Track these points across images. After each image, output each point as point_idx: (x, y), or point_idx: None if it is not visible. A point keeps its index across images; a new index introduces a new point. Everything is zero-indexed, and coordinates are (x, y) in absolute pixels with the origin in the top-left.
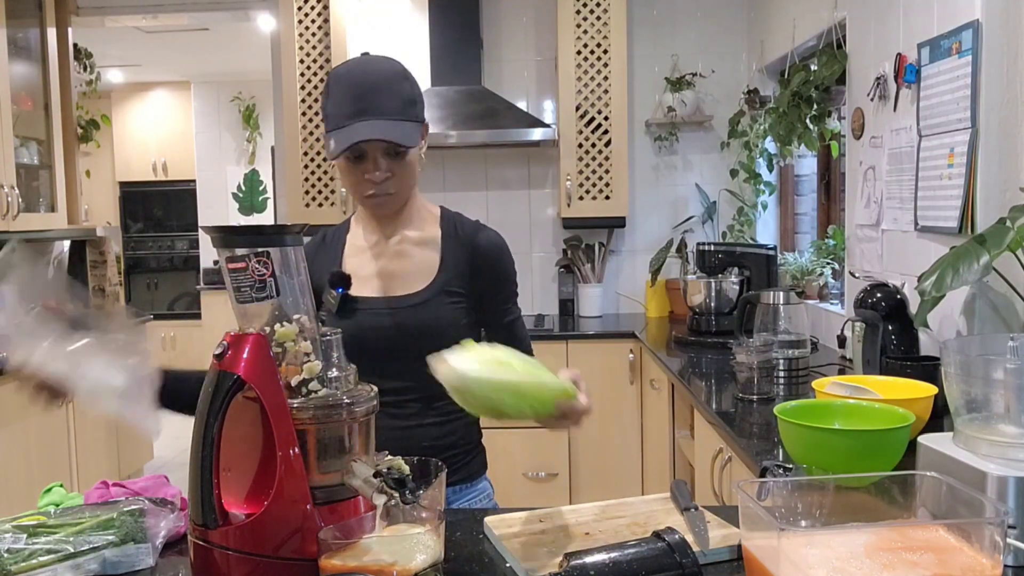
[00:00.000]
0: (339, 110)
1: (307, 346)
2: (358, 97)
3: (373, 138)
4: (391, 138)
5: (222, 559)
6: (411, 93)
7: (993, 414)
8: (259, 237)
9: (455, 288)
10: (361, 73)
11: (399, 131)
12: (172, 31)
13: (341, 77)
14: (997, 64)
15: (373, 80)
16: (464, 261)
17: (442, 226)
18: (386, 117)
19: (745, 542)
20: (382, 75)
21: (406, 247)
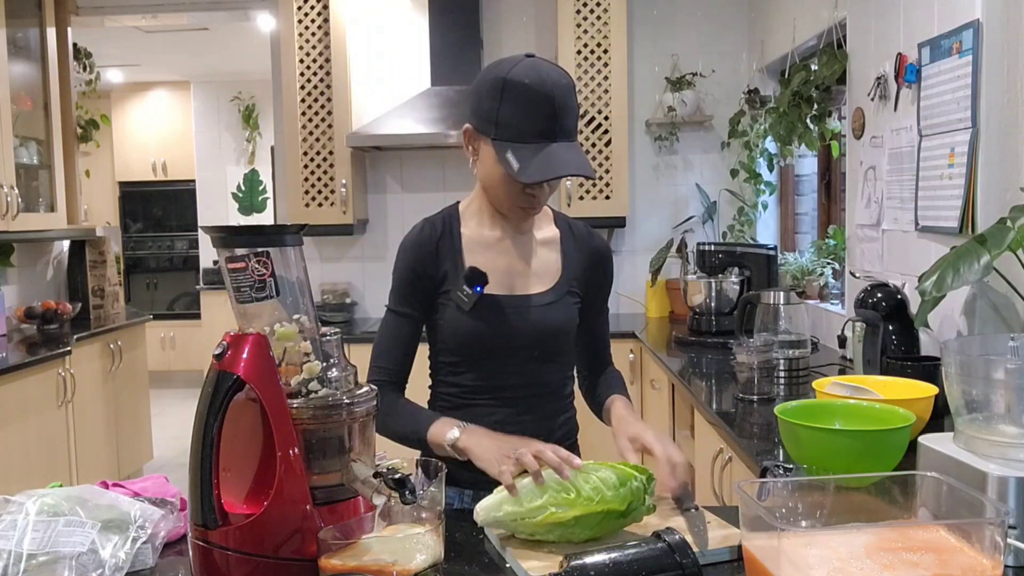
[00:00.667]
0: (524, 123)
1: (307, 346)
2: (551, 115)
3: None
4: (588, 172)
5: (222, 559)
6: (578, 107)
7: (993, 414)
8: (259, 237)
9: (575, 288)
10: (553, 87)
11: (586, 160)
12: (172, 31)
13: (524, 85)
14: (997, 64)
15: (562, 97)
16: (581, 261)
17: (558, 226)
18: (570, 138)
19: (745, 542)
20: (567, 90)
21: (532, 246)
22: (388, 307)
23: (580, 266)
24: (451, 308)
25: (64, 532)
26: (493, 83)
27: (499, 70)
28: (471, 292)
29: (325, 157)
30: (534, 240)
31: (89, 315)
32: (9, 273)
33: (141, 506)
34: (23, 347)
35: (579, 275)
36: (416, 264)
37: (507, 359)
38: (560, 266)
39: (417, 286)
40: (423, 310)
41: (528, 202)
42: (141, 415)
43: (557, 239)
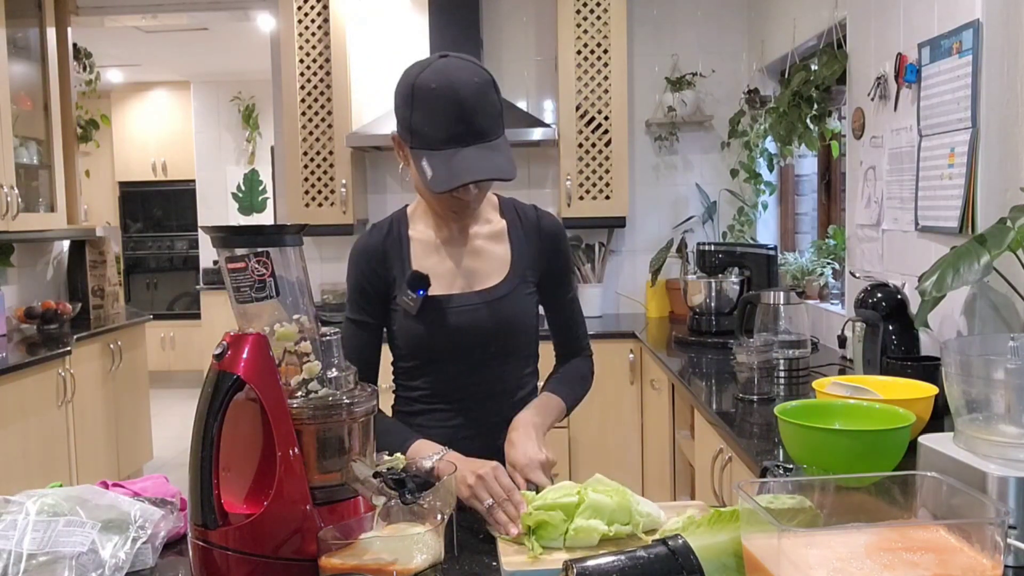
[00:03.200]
0: (433, 130)
1: (307, 346)
2: (458, 118)
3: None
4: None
5: (222, 559)
6: (500, 103)
7: (993, 414)
8: (259, 237)
9: (528, 277)
10: (459, 88)
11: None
12: (172, 31)
13: (438, 92)
14: (997, 64)
15: (471, 97)
16: (531, 247)
17: (505, 215)
18: (485, 140)
19: (746, 542)
20: (477, 89)
21: (479, 243)
22: (346, 316)
23: (530, 252)
24: (400, 314)
25: (64, 532)
26: (404, 90)
27: (410, 75)
28: (415, 296)
29: (325, 157)
30: (481, 236)
31: (89, 315)
32: (9, 273)
33: (141, 506)
34: (23, 347)
35: (531, 262)
36: (365, 270)
37: (462, 360)
38: (509, 257)
39: (368, 292)
40: (378, 315)
41: (458, 206)
42: (141, 415)
43: (504, 230)
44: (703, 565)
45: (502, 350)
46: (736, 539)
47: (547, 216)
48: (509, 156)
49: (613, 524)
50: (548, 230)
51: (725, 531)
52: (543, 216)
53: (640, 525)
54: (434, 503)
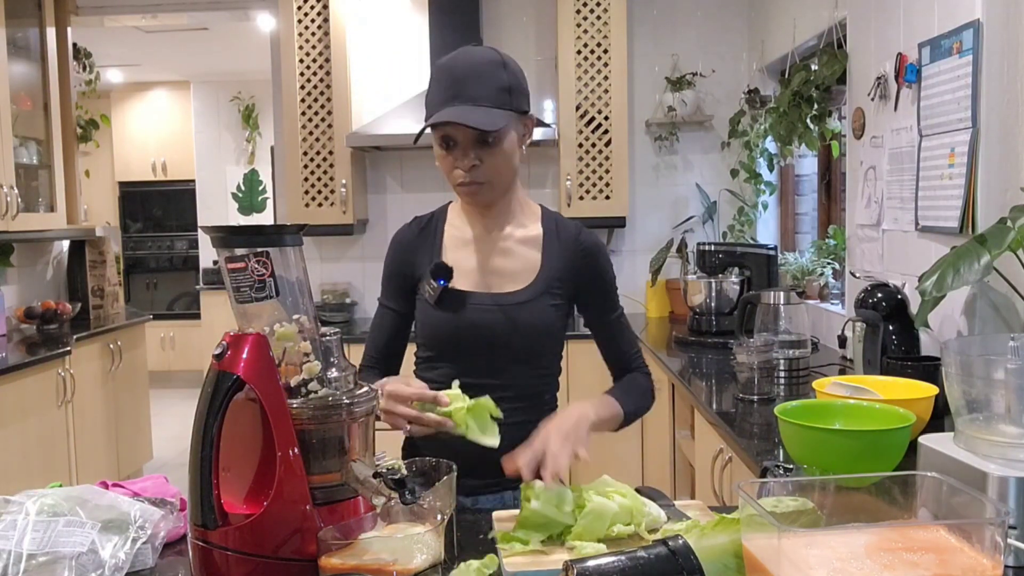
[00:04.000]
0: (434, 97)
1: (307, 346)
2: (451, 84)
3: (450, 120)
4: (469, 122)
5: (222, 559)
6: (508, 82)
7: (994, 414)
8: (259, 237)
9: (555, 289)
10: (459, 61)
11: (483, 116)
12: (171, 31)
13: (440, 66)
14: (998, 64)
15: (467, 67)
16: (565, 261)
17: (543, 224)
18: (474, 103)
19: (746, 543)
20: (477, 62)
21: (510, 244)
22: (379, 299)
23: (563, 265)
24: (423, 302)
25: (64, 532)
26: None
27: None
28: (436, 285)
29: (325, 157)
30: (513, 238)
31: (89, 315)
32: (9, 273)
33: (141, 506)
34: (23, 347)
35: (562, 275)
36: (396, 259)
37: (477, 357)
38: (539, 266)
39: (396, 281)
40: (404, 304)
41: (459, 178)
42: (141, 415)
43: (540, 238)
44: (703, 566)
45: (514, 355)
46: (736, 540)
47: (588, 233)
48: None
49: (615, 525)
50: (586, 245)
51: (726, 532)
52: (584, 232)
53: (642, 525)
54: (434, 503)
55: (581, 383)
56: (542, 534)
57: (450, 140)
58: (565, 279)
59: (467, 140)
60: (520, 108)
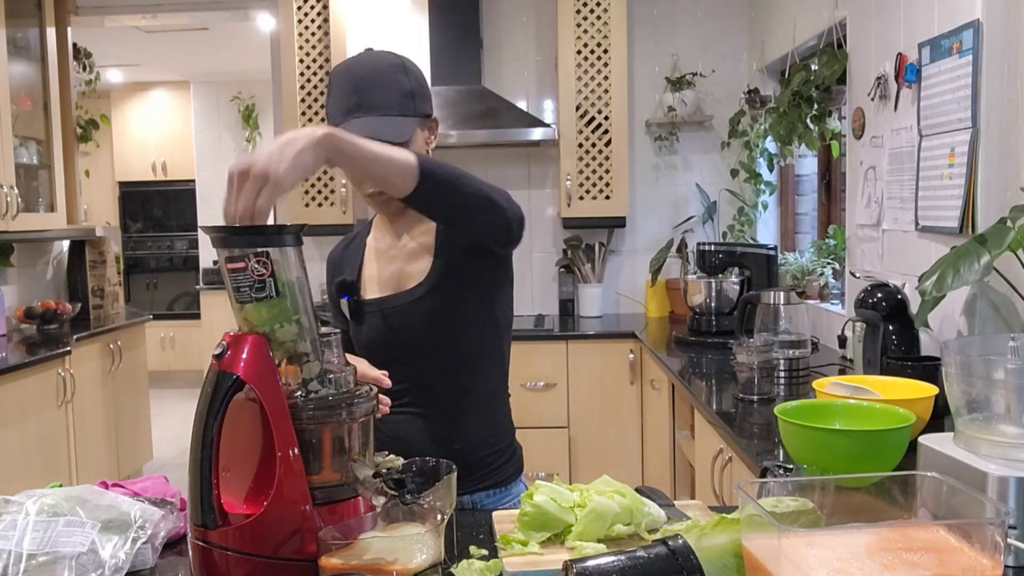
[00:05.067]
0: (335, 107)
1: (307, 346)
2: (351, 92)
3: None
4: (378, 136)
5: (222, 559)
6: (408, 86)
7: (994, 414)
8: (258, 237)
9: (454, 270)
10: (357, 67)
11: (389, 128)
12: (171, 31)
13: (339, 73)
14: (998, 64)
15: (367, 74)
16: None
17: None
18: (378, 112)
19: (746, 543)
20: (377, 68)
21: (412, 244)
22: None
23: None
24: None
25: (64, 532)
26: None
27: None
28: (343, 302)
29: None
30: (417, 236)
31: (89, 315)
32: (9, 273)
33: (141, 506)
34: (23, 347)
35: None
36: (328, 279)
37: (405, 361)
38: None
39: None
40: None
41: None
42: (141, 415)
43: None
44: (703, 566)
45: (439, 350)
46: (736, 540)
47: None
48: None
49: (615, 525)
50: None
51: (726, 532)
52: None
53: (642, 525)
54: (434, 503)
55: (581, 383)
56: (542, 534)
57: None
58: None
59: None
60: (424, 112)
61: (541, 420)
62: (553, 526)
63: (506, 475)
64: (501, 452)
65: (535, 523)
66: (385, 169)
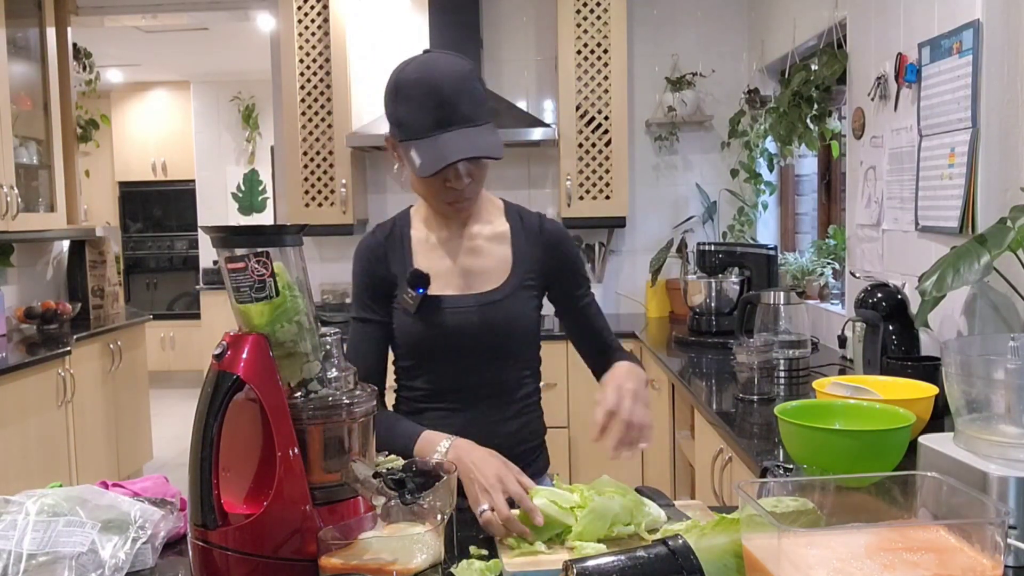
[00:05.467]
0: (422, 119)
1: (307, 346)
2: (439, 104)
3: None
4: (486, 153)
5: (222, 559)
6: (484, 92)
7: (994, 414)
8: (259, 237)
9: (530, 281)
10: (439, 77)
11: (489, 141)
12: (171, 31)
13: (419, 82)
14: (998, 64)
15: (451, 84)
16: (534, 252)
17: (508, 219)
18: (470, 124)
19: (746, 542)
20: (457, 77)
21: (479, 243)
22: (352, 316)
23: (532, 256)
24: (400, 312)
25: (64, 532)
26: (390, 87)
27: (395, 72)
28: (414, 294)
29: (325, 157)
30: (482, 237)
31: (89, 315)
32: (9, 273)
33: (141, 506)
34: (23, 347)
35: (534, 267)
36: (368, 268)
37: (460, 360)
38: (511, 261)
39: (373, 291)
40: (383, 312)
41: (452, 196)
42: (141, 415)
43: (507, 233)
44: (703, 566)
45: (498, 353)
46: (736, 540)
47: (550, 222)
48: (497, 138)
49: (615, 525)
50: (550, 234)
51: (726, 532)
52: (546, 221)
53: (643, 525)
54: (434, 503)
55: (581, 383)
56: (544, 535)
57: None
58: (536, 271)
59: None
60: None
61: None
62: (553, 527)
63: (538, 468)
64: (533, 450)
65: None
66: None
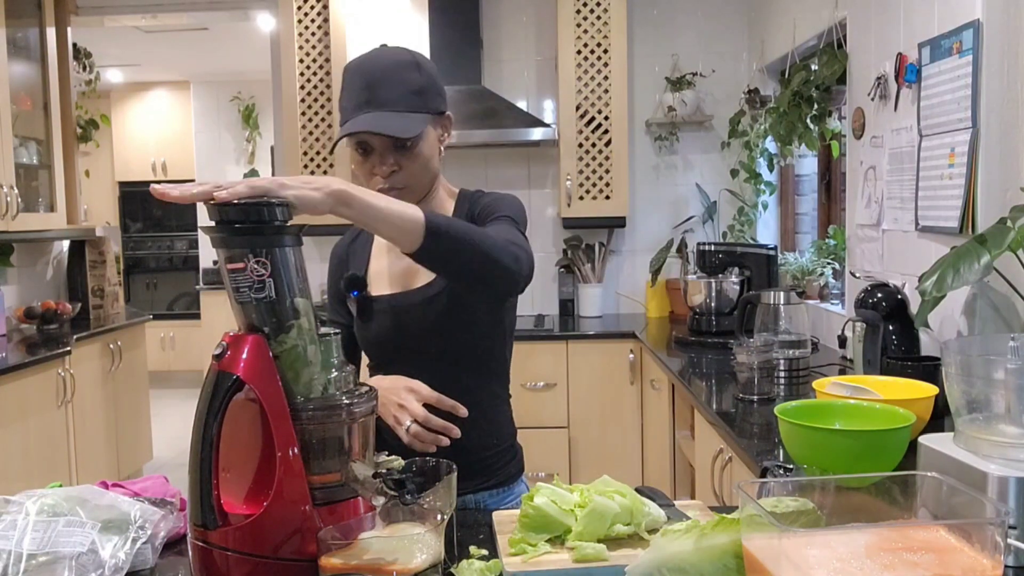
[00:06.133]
0: (348, 102)
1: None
2: (363, 88)
3: (364, 130)
4: (385, 131)
5: (222, 559)
6: (420, 83)
7: (994, 414)
8: (258, 238)
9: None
10: (370, 64)
11: (398, 123)
12: (171, 31)
13: (352, 69)
14: (998, 64)
15: (379, 70)
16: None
17: (457, 209)
18: (388, 108)
19: (746, 543)
20: (389, 65)
21: None
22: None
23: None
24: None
25: (64, 532)
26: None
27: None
28: (351, 297)
29: (325, 157)
30: None
31: (89, 315)
32: (9, 273)
33: (141, 506)
34: (23, 347)
35: None
36: (332, 272)
37: (411, 360)
38: None
39: (336, 294)
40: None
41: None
42: (141, 415)
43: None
44: (704, 567)
45: (447, 350)
46: (736, 540)
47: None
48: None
49: (615, 525)
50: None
51: (726, 532)
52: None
53: (643, 525)
54: (434, 503)
55: (581, 383)
56: (542, 536)
57: (366, 146)
58: None
59: (384, 146)
60: (436, 109)
61: (541, 420)
62: (553, 528)
63: (508, 475)
64: (503, 453)
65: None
66: (391, 226)
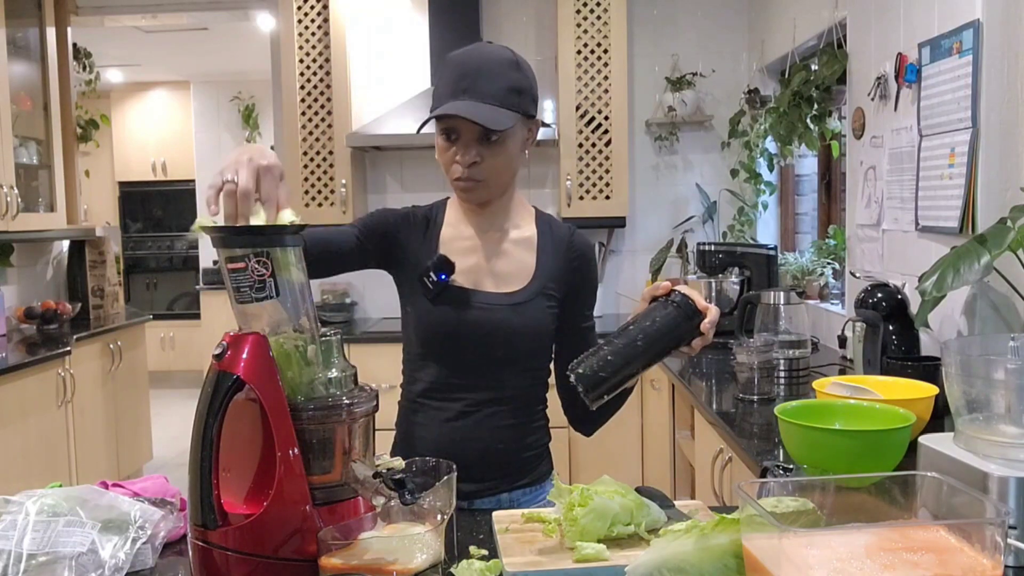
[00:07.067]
0: (443, 89)
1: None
2: (462, 76)
3: (456, 114)
4: (476, 118)
5: (222, 560)
6: (519, 82)
7: (994, 414)
8: (259, 237)
9: (550, 290)
10: (473, 56)
11: (490, 114)
12: (171, 31)
13: (452, 59)
14: (998, 64)
15: (481, 62)
16: (558, 262)
17: (538, 226)
18: (483, 100)
19: (746, 542)
20: (491, 59)
21: (505, 245)
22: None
23: (557, 267)
24: (420, 296)
25: (64, 532)
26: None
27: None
28: (436, 280)
29: (325, 157)
30: (508, 239)
31: (89, 315)
32: (9, 273)
33: (141, 506)
34: (23, 347)
35: (556, 276)
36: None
37: (470, 356)
38: (534, 267)
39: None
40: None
41: (457, 170)
42: (141, 415)
43: (534, 239)
44: (704, 567)
45: (508, 356)
46: (736, 540)
47: (580, 235)
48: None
49: (615, 525)
50: (578, 248)
51: (726, 532)
52: (577, 234)
53: (643, 525)
54: (434, 503)
55: None
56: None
57: (453, 133)
58: (557, 281)
59: (471, 136)
60: (528, 111)
61: None
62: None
63: (541, 474)
64: (535, 458)
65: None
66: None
